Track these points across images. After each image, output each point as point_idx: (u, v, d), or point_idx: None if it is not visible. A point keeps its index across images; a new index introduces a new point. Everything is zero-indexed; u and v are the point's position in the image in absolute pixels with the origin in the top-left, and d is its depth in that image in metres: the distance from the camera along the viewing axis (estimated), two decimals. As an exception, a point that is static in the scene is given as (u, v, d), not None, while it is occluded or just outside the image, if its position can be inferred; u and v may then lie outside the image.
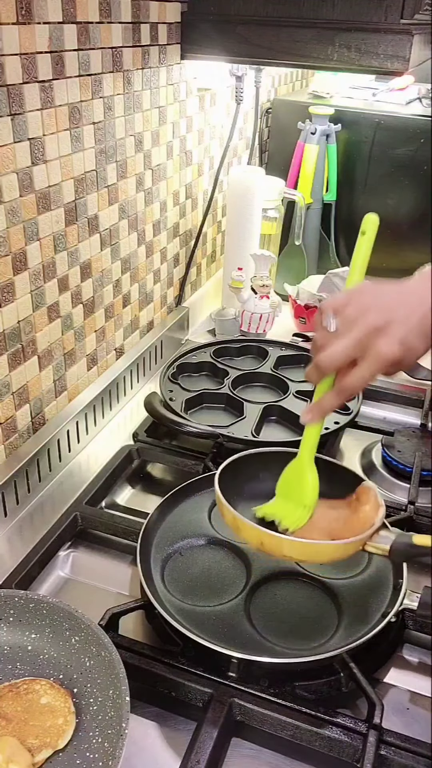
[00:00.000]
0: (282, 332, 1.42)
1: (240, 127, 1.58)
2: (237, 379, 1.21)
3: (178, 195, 1.33)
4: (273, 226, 1.52)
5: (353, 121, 1.59)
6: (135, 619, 0.80)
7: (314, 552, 0.71)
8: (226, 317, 1.43)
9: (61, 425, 1.02)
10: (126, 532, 0.91)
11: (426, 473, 1.02)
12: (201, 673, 0.72)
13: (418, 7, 1.04)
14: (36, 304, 0.94)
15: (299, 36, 1.11)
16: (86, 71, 0.94)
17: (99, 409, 1.12)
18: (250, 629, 0.76)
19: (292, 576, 0.83)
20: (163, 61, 1.15)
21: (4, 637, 0.73)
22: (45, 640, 0.73)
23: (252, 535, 0.72)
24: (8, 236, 0.85)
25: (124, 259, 1.16)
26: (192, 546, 0.88)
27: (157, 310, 1.34)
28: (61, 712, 0.66)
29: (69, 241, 0.99)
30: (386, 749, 0.66)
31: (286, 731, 0.69)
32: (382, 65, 1.09)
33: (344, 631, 0.76)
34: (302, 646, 0.74)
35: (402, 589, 0.78)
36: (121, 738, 0.60)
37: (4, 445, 0.94)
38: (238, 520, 0.72)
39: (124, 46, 1.01)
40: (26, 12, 0.80)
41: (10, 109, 0.81)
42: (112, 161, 1.06)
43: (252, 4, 1.12)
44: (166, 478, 1.08)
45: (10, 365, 0.91)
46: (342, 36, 1.09)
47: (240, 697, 0.70)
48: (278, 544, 0.71)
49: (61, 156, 0.93)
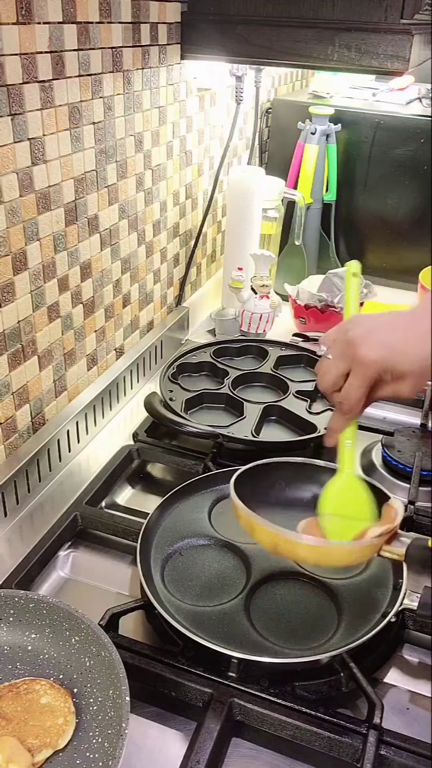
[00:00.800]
0: (282, 332, 1.42)
1: (240, 127, 1.59)
2: (237, 379, 1.21)
3: (178, 195, 1.33)
4: (273, 226, 1.52)
5: (353, 121, 1.59)
6: (135, 619, 0.80)
7: (328, 554, 0.71)
8: (226, 317, 1.43)
9: (61, 425, 1.02)
10: (126, 532, 0.91)
11: (426, 473, 1.02)
12: (201, 673, 0.72)
13: (418, 7, 1.04)
14: (36, 304, 0.94)
15: (299, 36, 1.11)
16: (86, 71, 0.94)
17: (99, 409, 1.12)
18: (250, 629, 0.76)
19: (292, 576, 0.83)
20: (163, 61, 1.15)
21: (4, 637, 0.73)
22: (45, 640, 0.73)
23: (267, 537, 0.71)
24: (8, 236, 0.85)
25: (124, 259, 1.16)
26: (192, 546, 0.88)
27: (157, 310, 1.35)
28: (61, 712, 0.66)
29: (69, 241, 0.99)
30: (386, 749, 0.66)
31: (286, 731, 0.69)
32: (382, 65, 1.09)
33: (344, 631, 0.76)
34: (302, 646, 0.74)
35: (402, 589, 0.78)
36: (121, 738, 0.60)
37: (4, 445, 0.94)
38: (253, 522, 0.72)
39: (124, 46, 1.01)
40: (26, 12, 0.80)
41: (10, 109, 0.81)
42: (112, 161, 1.06)
43: (252, 4, 1.12)
44: (166, 478, 1.08)
45: (10, 365, 0.91)
46: (342, 36, 1.09)
47: (240, 697, 0.70)
48: (293, 547, 0.71)
49: (61, 156, 0.93)
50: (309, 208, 1.60)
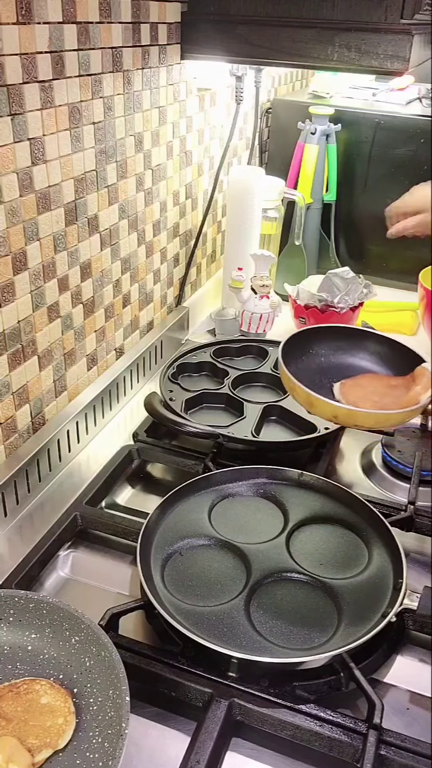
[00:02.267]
0: (282, 332, 1.41)
1: (240, 127, 1.59)
2: (237, 379, 1.21)
3: (178, 195, 1.33)
4: (273, 226, 1.52)
5: (353, 121, 1.59)
6: (135, 619, 0.80)
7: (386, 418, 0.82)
8: (226, 317, 1.43)
9: (61, 425, 1.02)
10: (126, 532, 0.91)
11: (426, 473, 1.02)
12: (201, 673, 0.72)
13: (418, 7, 1.04)
14: (36, 304, 0.94)
15: (299, 36, 1.11)
16: (86, 71, 0.94)
17: (99, 409, 1.12)
18: (249, 629, 0.76)
19: (292, 576, 0.83)
20: (163, 61, 1.15)
21: (4, 637, 0.73)
22: (45, 640, 0.73)
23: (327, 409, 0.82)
24: (8, 236, 0.85)
25: (124, 259, 1.16)
26: (192, 546, 0.88)
27: (157, 310, 1.35)
28: (61, 712, 0.66)
29: (69, 241, 0.99)
30: (386, 749, 0.66)
31: (286, 731, 0.69)
32: (382, 65, 1.09)
33: (344, 631, 0.76)
34: (302, 646, 0.74)
35: (402, 589, 0.78)
36: (121, 738, 0.60)
37: (4, 445, 0.94)
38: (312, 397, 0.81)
39: (124, 46, 1.01)
40: (26, 12, 0.80)
41: (10, 109, 0.81)
42: (112, 161, 1.06)
43: (252, 4, 1.12)
44: (166, 478, 1.08)
45: (10, 365, 0.91)
46: (342, 36, 1.09)
47: (240, 697, 0.70)
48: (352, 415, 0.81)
49: (61, 156, 0.93)
50: (309, 208, 1.59)
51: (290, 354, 0.89)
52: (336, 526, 0.91)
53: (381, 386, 0.88)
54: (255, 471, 0.99)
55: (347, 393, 0.87)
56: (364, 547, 0.88)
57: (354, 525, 0.91)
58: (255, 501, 0.96)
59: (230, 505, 0.95)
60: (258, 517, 0.93)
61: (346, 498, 0.94)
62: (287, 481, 0.98)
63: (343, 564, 0.85)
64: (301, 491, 0.97)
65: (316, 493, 0.96)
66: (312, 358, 0.93)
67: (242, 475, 0.98)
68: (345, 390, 0.87)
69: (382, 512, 0.90)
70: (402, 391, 0.86)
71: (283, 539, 0.88)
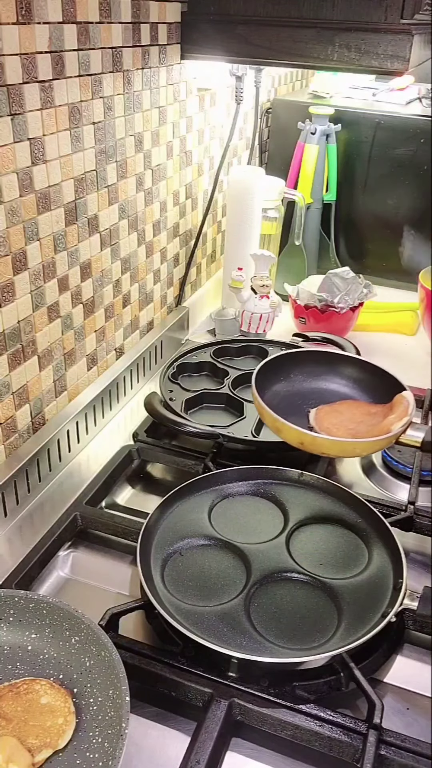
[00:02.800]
0: (282, 332, 1.42)
1: (240, 127, 1.59)
2: (237, 379, 1.21)
3: (178, 195, 1.33)
4: (273, 226, 1.52)
5: (353, 121, 1.59)
6: (135, 619, 0.80)
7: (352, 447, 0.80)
8: (226, 317, 1.43)
9: (61, 425, 1.02)
10: (126, 532, 0.91)
11: (426, 473, 1.02)
12: (201, 673, 0.72)
13: (418, 7, 1.04)
14: (36, 304, 0.94)
15: (299, 36, 1.11)
16: (86, 71, 0.94)
17: (99, 409, 1.12)
18: (250, 629, 0.76)
19: (292, 576, 0.83)
20: (163, 61, 1.15)
21: (4, 637, 0.73)
22: (45, 640, 0.73)
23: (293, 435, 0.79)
24: (8, 236, 0.86)
25: (124, 259, 1.16)
26: (192, 546, 0.88)
27: (157, 310, 1.35)
28: (61, 712, 0.66)
29: (69, 241, 0.99)
30: (386, 749, 0.66)
31: (286, 731, 0.69)
32: (382, 65, 1.09)
33: (344, 631, 0.76)
34: (302, 646, 0.74)
35: (402, 589, 0.78)
36: (121, 738, 0.60)
37: (4, 445, 0.94)
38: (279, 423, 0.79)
39: (124, 46, 1.01)
40: (26, 12, 0.80)
41: (10, 109, 0.81)
42: (112, 161, 1.06)
43: (252, 4, 1.12)
44: (166, 478, 1.08)
45: (10, 365, 0.91)
46: (342, 36, 1.09)
47: (240, 697, 0.70)
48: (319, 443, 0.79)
49: (61, 156, 0.93)
50: (309, 208, 1.59)
51: (270, 378, 0.88)
52: (336, 526, 0.91)
53: (359, 413, 0.85)
54: (255, 471, 0.99)
55: (322, 419, 0.84)
56: (364, 547, 0.88)
57: (354, 525, 0.91)
58: (255, 501, 0.96)
59: (230, 505, 0.95)
60: (258, 517, 0.93)
61: (346, 498, 0.94)
62: (287, 481, 0.98)
63: (343, 564, 0.85)
64: (301, 491, 0.97)
65: (316, 493, 0.96)
66: (291, 382, 0.91)
67: (242, 475, 0.98)
68: (320, 416, 0.84)
69: (382, 512, 0.91)
70: (380, 419, 0.83)
71: (283, 539, 0.88)
